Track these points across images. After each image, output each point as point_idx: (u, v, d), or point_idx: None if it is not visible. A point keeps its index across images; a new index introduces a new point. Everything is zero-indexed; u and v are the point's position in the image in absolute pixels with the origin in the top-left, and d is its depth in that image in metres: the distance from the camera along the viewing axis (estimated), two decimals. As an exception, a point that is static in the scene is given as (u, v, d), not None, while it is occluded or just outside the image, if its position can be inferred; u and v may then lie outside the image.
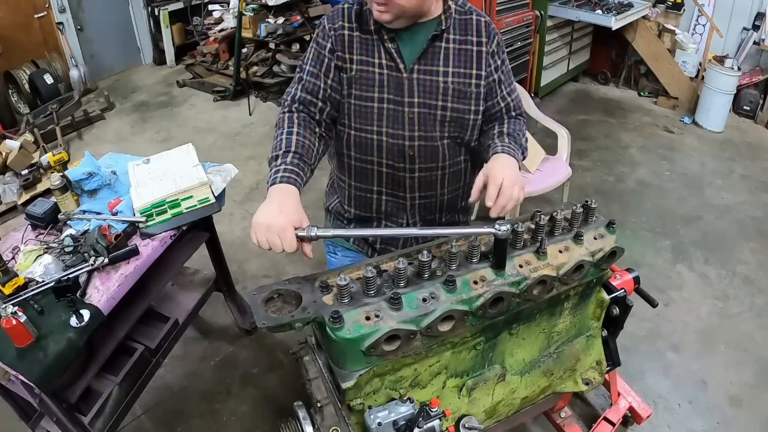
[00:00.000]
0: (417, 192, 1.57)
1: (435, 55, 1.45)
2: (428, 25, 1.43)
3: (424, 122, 1.46)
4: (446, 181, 1.58)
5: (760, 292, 3.11)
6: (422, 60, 1.44)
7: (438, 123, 1.47)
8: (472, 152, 1.59)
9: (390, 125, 1.46)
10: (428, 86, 1.45)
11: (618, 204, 3.90)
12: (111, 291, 1.83)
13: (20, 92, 5.10)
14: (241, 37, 5.40)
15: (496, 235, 1.21)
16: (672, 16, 5.46)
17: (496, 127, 1.51)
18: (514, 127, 1.51)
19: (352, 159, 1.55)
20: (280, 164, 1.35)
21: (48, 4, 5.41)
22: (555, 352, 1.62)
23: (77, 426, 1.85)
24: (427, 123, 1.47)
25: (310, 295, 1.22)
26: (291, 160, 1.36)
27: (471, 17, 1.48)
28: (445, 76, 1.45)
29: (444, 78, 1.45)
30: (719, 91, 4.80)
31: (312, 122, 1.46)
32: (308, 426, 1.32)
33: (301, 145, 1.40)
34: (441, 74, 1.45)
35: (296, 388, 1.54)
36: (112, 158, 2.51)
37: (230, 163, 2.42)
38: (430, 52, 1.44)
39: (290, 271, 3.24)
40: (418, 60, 1.44)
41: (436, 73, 1.45)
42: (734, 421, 2.38)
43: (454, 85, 1.45)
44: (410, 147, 1.48)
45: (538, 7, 4.80)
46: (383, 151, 1.50)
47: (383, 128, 1.47)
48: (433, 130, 1.48)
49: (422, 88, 1.45)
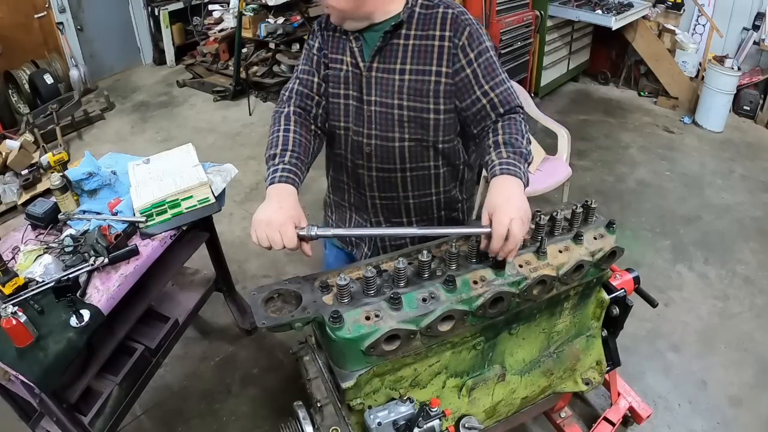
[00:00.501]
0: (376, 191, 1.57)
1: (393, 52, 1.41)
2: (386, 23, 1.40)
3: (382, 121, 1.45)
4: (409, 185, 1.55)
5: (760, 292, 3.11)
6: (378, 58, 1.42)
7: (396, 123, 1.44)
8: (447, 157, 1.53)
9: (353, 122, 1.49)
10: (385, 84, 1.42)
11: (618, 204, 3.90)
12: (111, 291, 1.83)
13: (20, 92, 5.10)
14: (241, 37, 5.40)
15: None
16: (672, 16, 5.46)
17: (491, 135, 1.38)
18: (510, 132, 1.36)
19: (331, 152, 1.62)
20: (278, 163, 1.37)
21: (48, 4, 5.41)
22: (555, 352, 1.63)
23: (77, 426, 1.85)
24: (385, 122, 1.45)
25: (310, 294, 1.22)
26: (289, 159, 1.37)
27: (437, 11, 1.39)
28: (402, 74, 1.41)
29: (400, 76, 1.41)
30: (719, 91, 4.80)
31: (308, 119, 1.49)
32: (308, 426, 1.32)
33: (298, 143, 1.41)
34: (398, 72, 1.41)
35: (296, 388, 1.54)
36: (112, 158, 2.51)
37: (230, 163, 2.42)
38: (387, 50, 1.41)
39: (290, 271, 3.24)
40: (375, 58, 1.42)
41: (393, 71, 1.41)
42: (734, 421, 2.38)
43: (410, 83, 1.41)
44: (367, 145, 1.49)
45: (538, 7, 4.80)
46: (348, 147, 1.53)
47: (348, 124, 1.50)
48: (391, 130, 1.45)
49: (379, 87, 1.43)
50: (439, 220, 1.65)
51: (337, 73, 1.48)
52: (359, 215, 1.67)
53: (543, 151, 3.63)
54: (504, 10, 4.51)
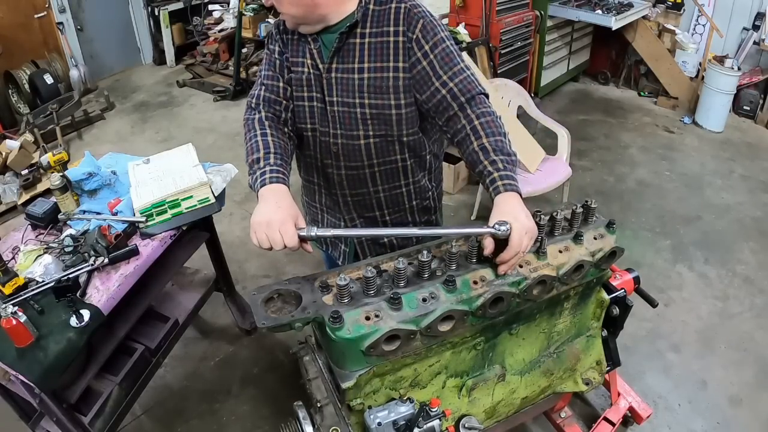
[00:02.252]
0: (347, 189, 1.59)
1: (350, 52, 1.42)
2: (342, 23, 1.40)
3: (346, 120, 1.47)
4: (378, 180, 1.57)
5: (760, 292, 3.11)
6: (337, 58, 1.43)
7: (360, 121, 1.46)
8: (413, 150, 1.54)
9: (318, 123, 1.50)
10: (345, 84, 1.43)
11: (618, 204, 3.90)
12: (111, 291, 1.83)
13: (20, 92, 5.10)
14: (241, 37, 5.40)
15: (495, 236, 1.21)
16: (672, 16, 5.46)
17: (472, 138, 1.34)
18: (493, 133, 1.33)
19: (301, 154, 1.62)
20: (263, 166, 1.35)
21: (48, 4, 5.41)
22: (555, 352, 1.63)
23: (77, 426, 1.85)
24: (349, 121, 1.47)
25: (310, 295, 1.22)
26: (274, 161, 1.36)
27: (389, 7, 1.40)
28: (361, 73, 1.42)
29: (359, 75, 1.42)
30: (719, 91, 4.80)
31: (279, 122, 1.49)
32: (308, 426, 1.32)
33: (278, 145, 1.41)
34: (356, 71, 1.42)
35: (296, 388, 1.54)
36: (112, 158, 2.51)
37: (230, 163, 2.42)
38: (345, 50, 1.42)
39: (290, 271, 3.24)
40: (333, 59, 1.43)
41: (352, 70, 1.42)
42: (734, 421, 2.38)
43: (370, 81, 1.42)
44: (334, 144, 1.51)
45: (538, 7, 4.80)
46: (316, 148, 1.54)
47: (315, 125, 1.50)
48: (355, 128, 1.47)
49: (340, 87, 1.44)
50: (411, 210, 1.67)
51: (299, 76, 1.48)
52: (331, 214, 1.70)
53: (543, 151, 3.63)
54: (504, 10, 4.51)
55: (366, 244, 1.71)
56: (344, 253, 1.74)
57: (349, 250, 1.73)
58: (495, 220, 1.22)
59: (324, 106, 1.47)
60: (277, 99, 1.49)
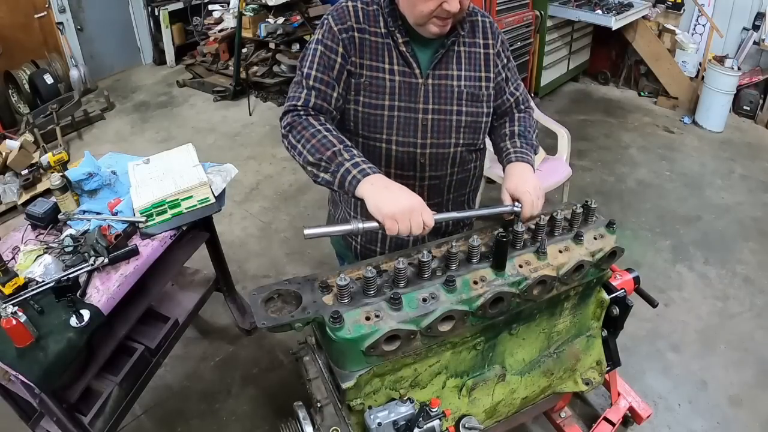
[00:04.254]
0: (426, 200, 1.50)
1: (449, 59, 1.42)
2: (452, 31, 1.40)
3: (439, 129, 1.43)
4: (453, 187, 1.55)
5: (760, 292, 3.11)
6: (437, 65, 1.41)
7: (453, 129, 1.44)
8: (482, 156, 1.60)
9: (400, 133, 1.41)
10: (443, 92, 1.41)
11: (618, 204, 3.90)
12: (111, 291, 1.84)
13: (20, 92, 5.10)
14: (241, 37, 5.40)
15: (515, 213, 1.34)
16: (672, 16, 5.46)
17: (507, 125, 1.52)
18: (525, 125, 1.51)
19: None
20: (350, 158, 1.24)
21: (48, 4, 5.41)
22: (555, 352, 1.62)
23: (77, 426, 1.85)
24: (442, 130, 1.43)
25: (310, 295, 1.22)
26: (357, 153, 1.26)
27: (476, 18, 1.47)
28: (459, 80, 1.42)
29: (458, 82, 1.42)
30: (719, 91, 4.80)
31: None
32: (308, 426, 1.32)
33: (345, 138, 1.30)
34: (455, 78, 1.42)
35: (296, 388, 1.54)
36: (112, 158, 2.51)
37: (230, 163, 2.42)
38: (445, 57, 1.42)
39: (290, 271, 3.24)
40: (434, 65, 1.40)
41: (451, 77, 1.42)
42: (734, 421, 2.38)
43: (467, 89, 1.43)
44: (422, 155, 1.44)
45: (538, 7, 4.80)
46: (391, 161, 1.45)
47: (393, 137, 1.41)
48: (447, 137, 1.44)
49: (437, 95, 1.41)
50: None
51: (380, 82, 1.37)
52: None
53: (543, 151, 3.62)
54: (504, 10, 4.51)
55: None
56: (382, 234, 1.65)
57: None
58: (507, 186, 1.36)
59: (412, 114, 1.40)
60: (328, 108, 1.37)
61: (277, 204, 3.92)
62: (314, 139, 1.28)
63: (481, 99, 1.46)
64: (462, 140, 1.47)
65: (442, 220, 1.30)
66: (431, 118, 1.42)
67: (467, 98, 1.44)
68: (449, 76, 1.42)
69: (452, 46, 1.41)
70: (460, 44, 1.43)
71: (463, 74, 1.43)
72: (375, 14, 1.38)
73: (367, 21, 1.38)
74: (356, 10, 1.39)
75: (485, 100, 1.47)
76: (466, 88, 1.43)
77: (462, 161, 1.51)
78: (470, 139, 1.49)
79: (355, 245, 1.66)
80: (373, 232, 1.45)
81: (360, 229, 1.20)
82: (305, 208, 3.85)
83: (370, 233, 1.56)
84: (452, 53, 1.42)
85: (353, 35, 1.37)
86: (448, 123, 1.43)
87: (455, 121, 1.44)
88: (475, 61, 1.45)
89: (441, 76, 1.41)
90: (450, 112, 1.43)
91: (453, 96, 1.42)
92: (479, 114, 1.47)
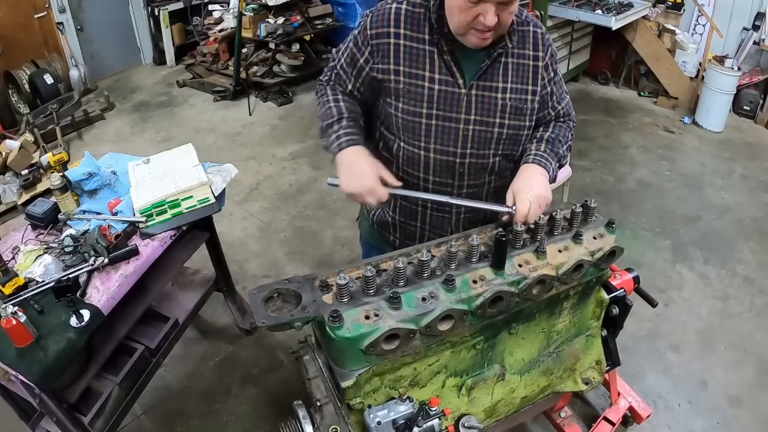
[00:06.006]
0: (463, 208, 1.53)
1: (495, 71, 1.39)
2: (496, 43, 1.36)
3: (479, 140, 1.42)
4: (490, 195, 1.55)
5: (760, 292, 3.11)
6: (482, 76, 1.38)
7: (494, 141, 1.43)
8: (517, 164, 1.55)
9: (439, 142, 1.42)
10: (486, 103, 1.39)
11: (618, 204, 3.90)
12: (111, 291, 1.84)
13: (20, 92, 5.10)
14: (241, 37, 5.40)
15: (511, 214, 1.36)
16: (672, 16, 5.46)
17: (541, 130, 1.50)
18: (557, 133, 1.48)
19: (400, 170, 1.50)
20: (337, 129, 1.39)
21: (48, 4, 5.41)
22: (554, 352, 1.63)
23: (77, 426, 1.85)
24: (483, 141, 1.43)
25: (309, 294, 1.22)
26: (347, 124, 1.40)
27: (528, 29, 1.42)
28: (504, 93, 1.40)
29: (502, 95, 1.40)
30: (719, 91, 4.80)
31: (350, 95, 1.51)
32: (308, 425, 1.32)
33: (350, 110, 1.44)
34: (500, 90, 1.39)
35: (296, 387, 1.54)
36: (112, 158, 2.51)
37: (230, 163, 2.43)
38: (491, 68, 1.38)
39: (290, 271, 3.24)
40: (479, 76, 1.38)
41: (495, 89, 1.39)
42: (734, 421, 2.38)
43: (511, 102, 1.41)
44: (461, 164, 1.45)
45: (538, 7, 4.79)
46: (430, 168, 1.46)
47: (431, 144, 1.42)
48: (487, 148, 1.44)
49: (480, 106, 1.39)
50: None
51: (419, 90, 1.38)
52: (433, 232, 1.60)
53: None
54: (504, 10, 4.50)
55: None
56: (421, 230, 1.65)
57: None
58: (513, 186, 1.38)
59: (449, 123, 1.40)
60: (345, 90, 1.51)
61: (277, 204, 3.92)
62: (324, 107, 1.46)
63: (524, 112, 1.43)
64: (501, 151, 1.47)
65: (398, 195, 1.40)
66: (473, 128, 1.41)
67: (511, 111, 1.41)
68: (494, 88, 1.39)
69: (499, 57, 1.38)
70: (507, 56, 1.39)
71: (509, 86, 1.40)
72: (421, 19, 1.37)
73: (410, 26, 1.37)
74: (399, 13, 1.37)
75: (528, 114, 1.44)
76: (511, 101, 1.41)
77: (500, 170, 1.51)
78: (510, 150, 1.48)
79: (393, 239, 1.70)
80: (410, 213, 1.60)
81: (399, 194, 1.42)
82: (305, 208, 3.85)
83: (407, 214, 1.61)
84: (498, 64, 1.39)
85: (388, 42, 1.37)
86: (489, 135, 1.42)
87: (497, 134, 1.42)
88: (523, 74, 1.41)
89: (485, 88, 1.39)
90: (492, 124, 1.41)
91: (497, 108, 1.40)
92: (521, 127, 1.45)
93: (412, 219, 1.61)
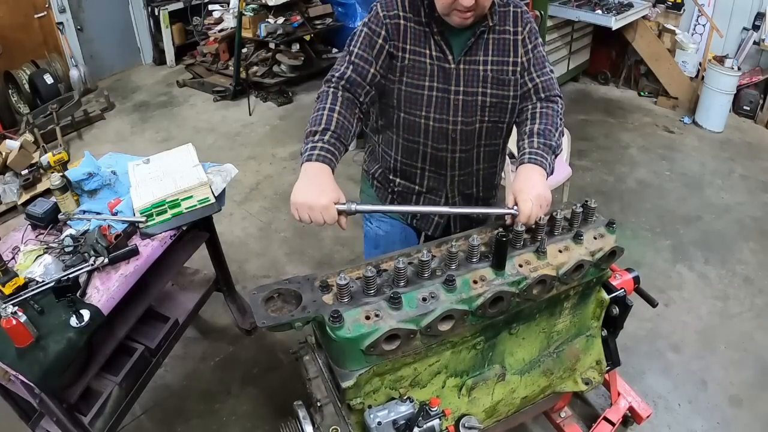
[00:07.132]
0: (457, 170, 1.70)
1: (479, 46, 1.55)
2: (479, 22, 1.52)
3: (466, 108, 1.58)
4: (482, 159, 1.70)
5: (760, 292, 3.11)
6: (468, 52, 1.54)
7: (479, 108, 1.59)
8: (509, 133, 1.73)
9: (437, 111, 1.58)
10: (471, 75, 1.56)
11: (618, 204, 3.90)
12: (111, 291, 1.84)
13: (20, 92, 5.10)
14: (241, 37, 5.39)
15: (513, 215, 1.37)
16: (672, 16, 5.45)
17: (529, 122, 1.56)
18: (546, 122, 1.55)
19: (400, 138, 1.67)
20: (317, 140, 1.41)
21: (48, 4, 5.40)
22: (555, 352, 1.63)
23: (77, 426, 1.85)
24: (470, 108, 1.58)
25: (310, 294, 1.22)
26: (329, 138, 1.42)
27: (509, 9, 1.58)
28: (485, 65, 1.56)
29: (484, 67, 1.56)
30: (719, 91, 4.79)
31: (354, 103, 1.53)
32: (308, 425, 1.32)
33: (341, 125, 1.45)
34: (481, 63, 1.55)
35: (296, 387, 1.54)
36: (112, 158, 2.51)
37: (230, 163, 2.42)
38: (475, 45, 1.55)
39: (290, 271, 3.24)
40: (465, 52, 1.54)
41: (478, 62, 1.55)
42: (734, 421, 2.38)
43: (493, 73, 1.56)
44: (453, 131, 1.61)
45: (538, 7, 4.79)
46: (429, 134, 1.62)
47: (431, 113, 1.58)
48: (474, 115, 1.59)
49: (466, 78, 1.56)
50: (495, 187, 1.84)
51: (421, 66, 1.54)
52: (433, 194, 1.76)
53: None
54: (504, 10, 4.50)
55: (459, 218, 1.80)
56: (438, 224, 1.80)
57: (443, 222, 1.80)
58: (513, 188, 1.41)
59: (446, 95, 1.56)
60: (362, 83, 1.53)
61: (277, 204, 3.92)
62: (317, 112, 1.48)
63: (507, 83, 1.58)
64: (488, 118, 1.61)
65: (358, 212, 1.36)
66: (461, 98, 1.57)
67: (492, 81, 1.57)
68: (477, 62, 1.55)
69: (482, 34, 1.54)
70: (490, 32, 1.55)
71: (490, 59, 1.56)
72: (418, 4, 1.54)
73: (412, 11, 1.54)
74: (403, 0, 1.55)
75: (512, 84, 1.58)
76: (492, 72, 1.56)
77: (489, 135, 1.66)
78: (497, 117, 1.62)
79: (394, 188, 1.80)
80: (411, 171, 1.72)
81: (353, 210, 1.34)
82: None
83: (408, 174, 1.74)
84: (482, 41, 1.55)
85: (398, 22, 1.54)
86: (474, 103, 1.58)
87: (480, 102, 1.58)
88: (503, 48, 1.56)
89: (471, 62, 1.55)
90: (477, 93, 1.57)
91: (479, 79, 1.56)
92: (505, 96, 1.59)
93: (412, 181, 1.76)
